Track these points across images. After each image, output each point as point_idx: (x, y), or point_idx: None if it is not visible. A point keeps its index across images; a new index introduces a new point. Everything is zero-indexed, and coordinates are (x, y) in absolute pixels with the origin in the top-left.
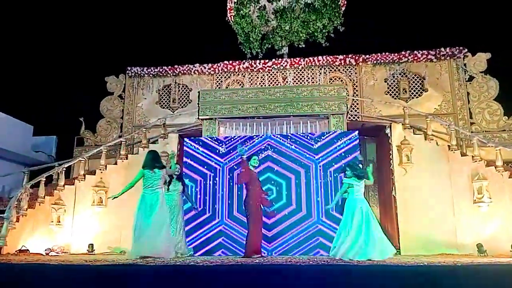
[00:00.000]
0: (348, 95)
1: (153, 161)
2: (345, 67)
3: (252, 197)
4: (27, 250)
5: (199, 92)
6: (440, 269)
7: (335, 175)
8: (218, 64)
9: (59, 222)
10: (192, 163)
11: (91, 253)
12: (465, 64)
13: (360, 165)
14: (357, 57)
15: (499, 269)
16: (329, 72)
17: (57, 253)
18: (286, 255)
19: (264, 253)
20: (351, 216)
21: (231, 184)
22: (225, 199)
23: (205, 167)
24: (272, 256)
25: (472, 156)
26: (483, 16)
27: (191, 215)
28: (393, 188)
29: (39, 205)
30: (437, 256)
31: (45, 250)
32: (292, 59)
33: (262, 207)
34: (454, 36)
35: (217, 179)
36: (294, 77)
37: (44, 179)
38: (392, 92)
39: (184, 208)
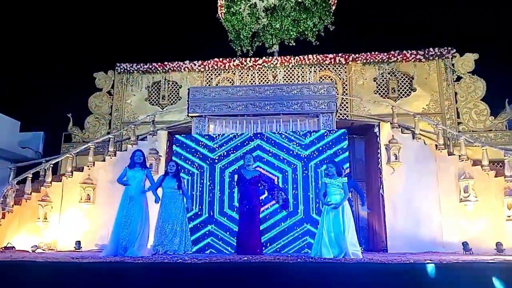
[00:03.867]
0: (337, 94)
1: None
2: (335, 66)
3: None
4: (13, 247)
5: (189, 89)
6: (425, 267)
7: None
8: (208, 61)
9: (46, 219)
10: (181, 160)
11: (78, 250)
12: (453, 64)
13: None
14: (346, 56)
15: (484, 267)
16: (319, 71)
17: (43, 250)
18: (274, 252)
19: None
20: (325, 215)
21: (226, 181)
22: (215, 196)
23: (195, 164)
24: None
25: (459, 156)
26: (471, 17)
27: None
28: (381, 186)
29: (26, 201)
30: (423, 254)
31: (32, 247)
32: (282, 57)
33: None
34: (443, 36)
35: (206, 176)
36: (284, 75)
37: (31, 176)
38: (381, 91)
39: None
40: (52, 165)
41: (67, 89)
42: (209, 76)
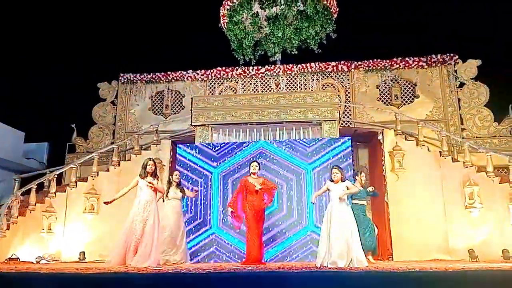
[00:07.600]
0: (340, 102)
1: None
2: (338, 74)
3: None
4: (18, 258)
5: (192, 98)
6: (431, 275)
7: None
8: (211, 71)
9: (50, 229)
10: (184, 169)
11: (83, 261)
12: (456, 71)
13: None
14: (349, 64)
15: (490, 275)
16: (321, 79)
17: (48, 261)
18: (279, 261)
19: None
20: (331, 222)
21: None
22: (218, 206)
23: (198, 173)
24: (265, 262)
25: (463, 162)
26: (473, 23)
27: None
28: (386, 194)
29: (30, 212)
30: (429, 261)
31: (36, 258)
32: (285, 65)
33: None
34: (445, 43)
35: (210, 185)
36: (287, 83)
37: (35, 186)
38: (384, 99)
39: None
40: (56, 176)
41: (71, 99)
42: (212, 85)
